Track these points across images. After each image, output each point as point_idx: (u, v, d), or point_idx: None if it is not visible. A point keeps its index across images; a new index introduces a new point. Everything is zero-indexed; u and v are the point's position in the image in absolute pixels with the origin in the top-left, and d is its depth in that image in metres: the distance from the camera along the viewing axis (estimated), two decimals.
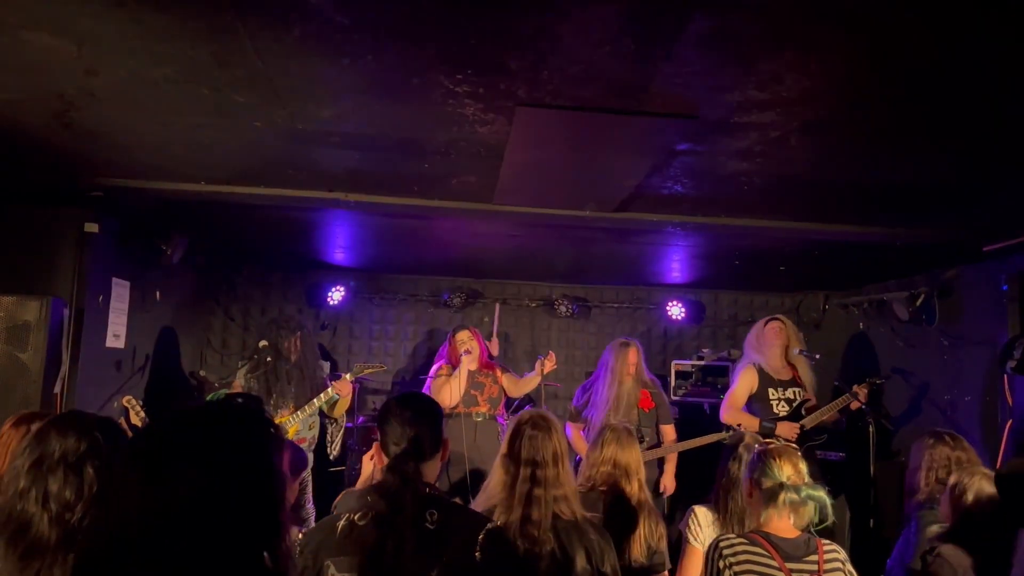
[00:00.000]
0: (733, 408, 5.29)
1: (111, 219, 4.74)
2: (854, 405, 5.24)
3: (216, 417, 1.16)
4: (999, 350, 4.61)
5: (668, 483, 5.39)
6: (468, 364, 5.21)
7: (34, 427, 2.04)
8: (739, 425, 4.99)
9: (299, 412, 4.95)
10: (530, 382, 5.43)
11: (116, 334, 4.99)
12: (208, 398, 5.27)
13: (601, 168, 3.57)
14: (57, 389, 4.22)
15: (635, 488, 3.26)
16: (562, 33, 2.20)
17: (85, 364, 4.52)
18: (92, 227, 4.53)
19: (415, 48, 2.34)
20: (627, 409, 5.25)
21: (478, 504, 2.62)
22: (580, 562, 2.44)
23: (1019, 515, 1.32)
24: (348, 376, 5.19)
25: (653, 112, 2.76)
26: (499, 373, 5.46)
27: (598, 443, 3.40)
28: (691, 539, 3.19)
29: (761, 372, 5.38)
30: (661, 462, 5.45)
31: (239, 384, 5.05)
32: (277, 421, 4.91)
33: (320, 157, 3.54)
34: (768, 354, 5.39)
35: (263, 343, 5.14)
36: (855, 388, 5.23)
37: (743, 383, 5.36)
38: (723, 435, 5.14)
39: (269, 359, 5.02)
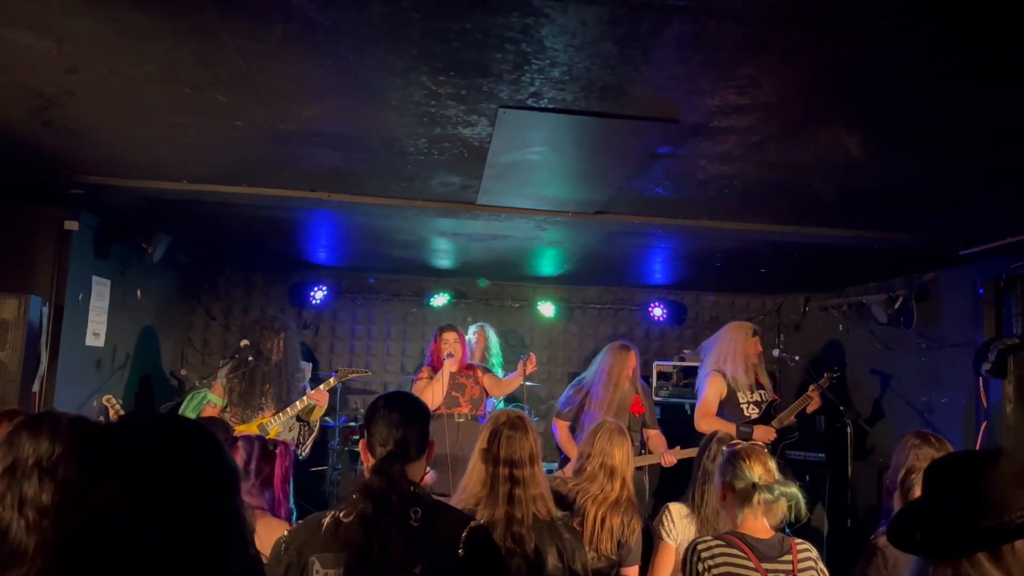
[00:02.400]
0: (707, 416, 5.33)
1: (92, 217, 4.72)
2: (810, 408, 5.39)
3: (169, 429, 1.21)
4: (975, 353, 4.68)
5: (668, 459, 5.25)
6: (450, 366, 5.22)
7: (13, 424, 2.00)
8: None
9: (280, 414, 4.93)
10: (512, 383, 5.45)
11: (96, 333, 4.97)
12: (188, 397, 5.25)
13: (583, 170, 3.59)
14: (36, 388, 4.19)
15: (616, 485, 3.29)
16: (543, 36, 2.22)
17: (64, 363, 4.49)
18: (72, 225, 4.51)
19: (397, 49, 2.35)
20: (620, 412, 5.28)
21: (456, 500, 2.65)
22: (552, 560, 2.48)
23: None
24: (332, 380, 5.19)
25: (634, 115, 2.78)
26: (480, 374, 5.48)
27: (591, 438, 3.44)
28: (663, 535, 3.24)
29: (727, 378, 5.44)
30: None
31: (220, 384, 5.02)
32: (258, 422, 4.89)
33: (302, 157, 3.54)
34: (744, 363, 5.45)
35: (244, 342, 5.12)
36: (811, 388, 5.38)
37: (713, 390, 5.41)
38: None
39: (251, 359, 5.00)
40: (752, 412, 5.38)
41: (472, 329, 6.24)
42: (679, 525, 3.23)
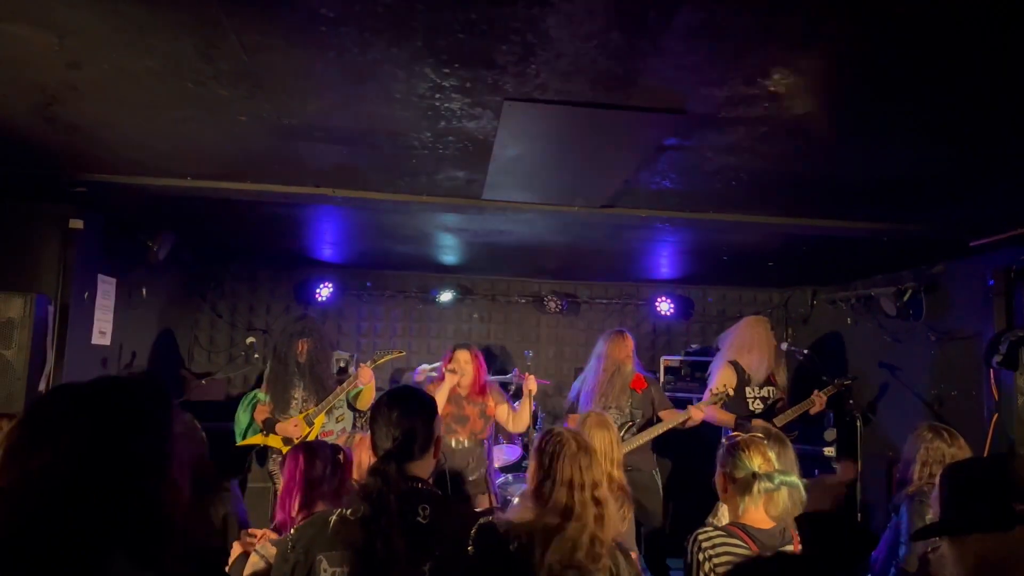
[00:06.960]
0: (710, 405, 5.33)
1: (96, 215, 4.70)
2: (813, 410, 5.36)
3: (94, 391, 1.26)
4: (985, 345, 4.64)
5: (696, 415, 5.11)
6: (450, 382, 4.86)
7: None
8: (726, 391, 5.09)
9: (323, 404, 5.14)
10: (525, 411, 5.07)
11: (102, 331, 4.96)
12: (243, 398, 5.47)
13: (589, 163, 3.56)
14: (42, 387, 4.18)
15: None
16: (549, 26, 2.19)
17: (70, 361, 4.48)
18: (77, 223, 4.49)
19: (401, 41, 2.33)
20: (619, 393, 5.23)
21: (514, 511, 2.53)
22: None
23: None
24: (368, 364, 5.22)
25: (641, 107, 2.75)
26: (492, 405, 5.04)
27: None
28: None
29: (739, 370, 5.44)
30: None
31: (266, 384, 5.28)
32: (304, 415, 5.09)
33: (306, 152, 3.52)
34: (761, 357, 5.45)
35: (275, 343, 5.42)
36: (816, 393, 5.36)
37: (722, 380, 5.42)
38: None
39: (278, 363, 5.22)
40: (757, 407, 5.40)
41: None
42: None
